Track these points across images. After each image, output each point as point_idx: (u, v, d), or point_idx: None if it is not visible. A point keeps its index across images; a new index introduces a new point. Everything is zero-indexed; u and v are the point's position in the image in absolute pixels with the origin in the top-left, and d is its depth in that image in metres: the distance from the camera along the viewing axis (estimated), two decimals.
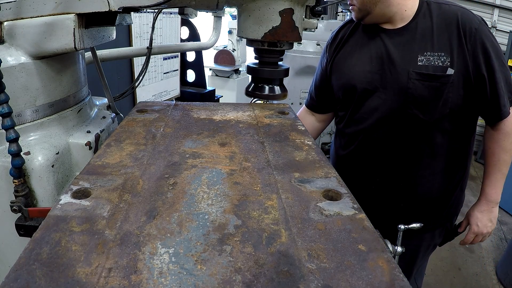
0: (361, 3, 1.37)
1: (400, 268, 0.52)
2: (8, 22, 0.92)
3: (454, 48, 1.33)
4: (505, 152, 1.43)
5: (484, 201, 1.51)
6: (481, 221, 1.51)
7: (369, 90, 1.46)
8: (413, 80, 1.36)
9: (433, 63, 1.35)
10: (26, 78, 0.93)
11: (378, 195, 1.54)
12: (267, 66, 1.28)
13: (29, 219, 0.85)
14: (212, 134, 1.00)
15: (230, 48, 5.71)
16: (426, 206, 1.54)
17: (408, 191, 1.52)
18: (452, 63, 1.33)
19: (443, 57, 1.34)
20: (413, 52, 1.37)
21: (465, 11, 1.35)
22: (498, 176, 1.47)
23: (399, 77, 1.39)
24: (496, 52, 1.33)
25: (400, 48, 1.40)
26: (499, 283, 2.97)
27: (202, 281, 0.49)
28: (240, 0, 1.16)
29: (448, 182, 1.53)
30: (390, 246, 1.25)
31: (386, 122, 1.45)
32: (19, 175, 0.86)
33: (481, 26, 1.32)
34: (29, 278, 0.47)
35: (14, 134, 0.82)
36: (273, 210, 0.65)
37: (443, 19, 1.35)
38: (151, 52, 1.74)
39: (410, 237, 1.45)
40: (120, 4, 0.94)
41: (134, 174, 0.76)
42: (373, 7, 1.37)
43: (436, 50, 1.34)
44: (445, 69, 1.33)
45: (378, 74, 1.43)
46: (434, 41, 1.35)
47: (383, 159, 1.51)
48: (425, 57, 1.35)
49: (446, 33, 1.34)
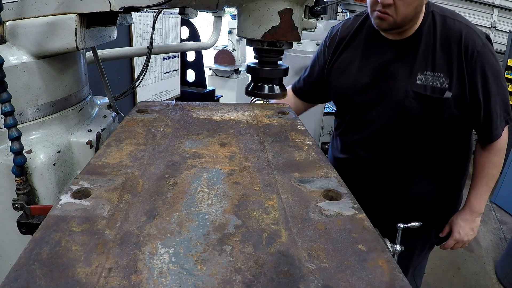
0: (403, 17, 1.28)
1: (400, 268, 0.52)
2: (10, 21, 0.93)
3: (454, 70, 1.32)
4: (494, 167, 1.46)
5: (468, 211, 1.53)
6: (463, 229, 1.53)
7: (366, 103, 1.48)
8: (409, 99, 1.37)
9: (431, 83, 1.34)
10: (28, 77, 0.93)
11: (372, 197, 1.56)
12: (267, 65, 1.28)
13: (31, 217, 0.86)
14: (212, 134, 1.00)
15: (230, 48, 5.70)
16: (421, 208, 1.57)
17: (402, 196, 1.57)
18: (450, 85, 1.33)
19: (442, 78, 1.33)
20: (413, 69, 1.36)
21: (469, 30, 1.31)
22: (484, 189, 1.49)
23: (396, 93, 1.40)
24: (496, 75, 1.32)
25: (402, 63, 1.38)
26: (499, 283, 2.97)
27: (202, 281, 0.49)
28: (240, 0, 1.16)
29: (444, 186, 1.56)
30: (390, 245, 1.26)
31: (381, 134, 1.48)
32: (21, 173, 0.86)
33: (484, 48, 1.29)
34: (29, 278, 0.47)
35: (16, 133, 0.82)
36: (273, 210, 0.66)
37: (447, 36, 1.32)
38: (151, 52, 1.74)
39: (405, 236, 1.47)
40: (121, 4, 0.95)
41: (134, 174, 0.76)
42: (408, 24, 1.32)
43: (436, 70, 1.33)
44: (443, 91, 1.33)
45: (377, 88, 1.44)
46: (436, 60, 1.33)
47: (377, 167, 1.54)
48: (425, 76, 1.35)
49: (448, 52, 1.32)
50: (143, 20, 2.65)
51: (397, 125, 1.43)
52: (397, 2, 1.24)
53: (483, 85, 1.31)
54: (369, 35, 1.46)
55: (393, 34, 1.39)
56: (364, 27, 1.48)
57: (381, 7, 1.28)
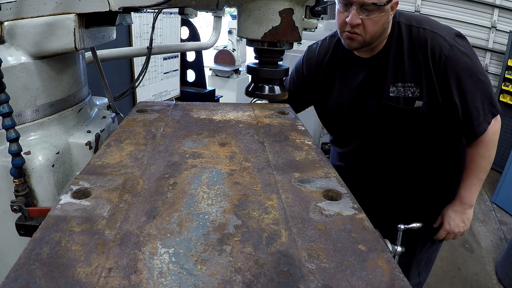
0: (371, 35, 1.31)
1: (400, 268, 0.52)
2: (9, 22, 0.92)
3: (423, 78, 1.34)
4: (483, 159, 1.46)
5: (459, 202, 1.54)
6: (453, 220, 1.55)
7: (348, 121, 1.55)
8: (385, 112, 1.42)
9: (403, 94, 1.38)
10: (26, 78, 0.93)
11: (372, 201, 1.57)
12: (267, 66, 1.28)
13: (30, 219, 0.86)
14: (212, 134, 1.00)
15: (230, 48, 5.70)
16: (421, 206, 1.60)
17: (401, 197, 1.60)
18: (421, 94, 1.36)
19: (413, 87, 1.36)
20: (385, 83, 1.40)
21: (434, 36, 1.32)
22: (474, 181, 1.50)
23: (373, 108, 1.45)
24: (471, 72, 1.32)
25: (375, 79, 1.43)
26: (499, 283, 2.97)
27: (202, 281, 0.49)
28: (240, 0, 1.16)
29: (442, 182, 1.59)
30: (390, 246, 1.26)
31: (367, 146, 1.55)
32: (19, 175, 0.86)
33: (452, 50, 1.30)
34: (29, 278, 0.47)
35: (14, 134, 0.82)
36: (273, 210, 0.65)
37: (413, 46, 1.35)
38: (151, 52, 1.74)
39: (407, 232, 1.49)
40: (120, 4, 0.95)
41: (134, 174, 0.76)
42: (376, 40, 1.35)
43: (406, 80, 1.37)
44: (414, 100, 1.36)
45: (356, 105, 1.49)
46: (405, 70, 1.36)
47: (372, 174, 1.61)
48: (396, 88, 1.38)
49: (416, 61, 1.35)
50: (143, 20, 2.64)
51: (379, 137, 1.49)
52: (365, 21, 1.28)
53: (457, 86, 1.32)
54: (343, 56, 1.51)
55: (365, 52, 1.43)
56: (339, 48, 1.52)
57: (350, 28, 1.31)
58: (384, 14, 1.28)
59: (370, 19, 1.28)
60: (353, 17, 1.27)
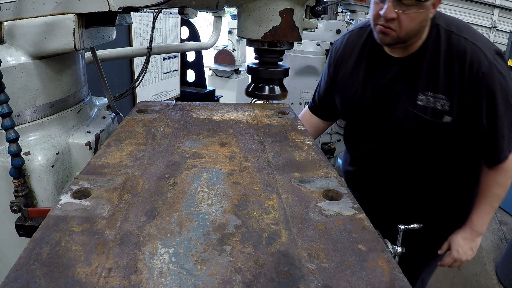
0: (406, 32, 1.22)
1: (400, 268, 0.52)
2: (8, 22, 0.92)
3: (456, 92, 1.26)
4: (499, 187, 1.41)
5: (469, 230, 1.49)
6: (462, 248, 1.49)
7: (369, 120, 1.47)
8: (410, 120, 1.34)
9: (432, 105, 1.29)
10: (26, 78, 0.93)
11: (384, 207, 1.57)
12: (267, 66, 1.28)
13: (29, 219, 0.85)
14: (212, 134, 1.00)
15: (230, 48, 5.70)
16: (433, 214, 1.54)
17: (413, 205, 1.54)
18: (451, 108, 1.27)
19: (443, 100, 1.28)
20: (415, 89, 1.31)
21: (475, 49, 1.23)
22: (488, 209, 1.45)
23: (398, 113, 1.37)
24: (505, 95, 1.24)
25: (405, 82, 1.34)
26: (499, 283, 2.97)
27: (202, 281, 0.49)
28: (240, 0, 1.16)
29: (457, 195, 1.53)
30: (390, 246, 1.26)
31: (385, 150, 1.48)
32: (19, 175, 0.86)
33: (491, 69, 1.22)
34: (29, 278, 0.47)
35: (14, 134, 0.82)
36: (273, 210, 0.65)
37: (450, 55, 1.25)
38: (151, 52, 1.74)
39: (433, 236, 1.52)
40: (120, 4, 0.94)
41: (134, 174, 0.76)
42: (412, 38, 1.27)
43: (438, 91, 1.28)
44: (442, 114, 1.29)
45: (380, 106, 1.41)
46: (439, 80, 1.27)
47: (385, 180, 1.53)
48: (426, 97, 1.30)
49: (451, 73, 1.25)
50: (142, 20, 2.64)
51: (400, 143, 1.42)
52: (400, 16, 1.19)
53: (489, 108, 1.25)
54: (373, 51, 1.42)
55: (397, 50, 1.35)
56: (368, 42, 1.43)
57: (384, 21, 1.22)
58: (424, 11, 1.19)
59: (407, 14, 1.18)
60: (387, 10, 1.18)
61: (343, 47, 1.52)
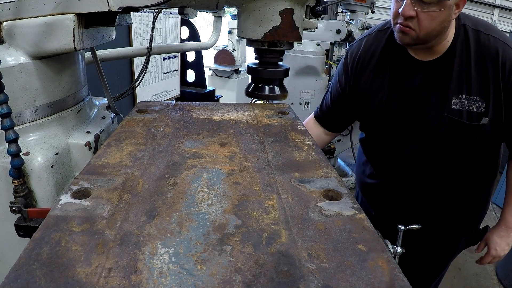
0: (426, 32, 1.18)
1: (400, 268, 0.52)
2: (8, 22, 0.92)
3: (491, 93, 1.23)
4: None
5: (504, 227, 1.50)
6: (499, 246, 1.51)
7: (397, 129, 1.41)
8: (445, 126, 1.29)
9: (467, 108, 1.25)
10: (25, 78, 0.93)
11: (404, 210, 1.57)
12: (267, 66, 1.28)
13: (29, 220, 0.85)
14: (212, 134, 1.00)
15: (230, 48, 5.71)
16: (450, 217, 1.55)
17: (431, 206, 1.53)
18: (487, 110, 1.24)
19: (479, 102, 1.24)
20: (447, 93, 1.27)
21: (506, 47, 1.21)
22: None
23: (430, 119, 1.32)
24: None
25: (434, 87, 1.29)
26: (499, 283, 2.97)
27: (202, 281, 0.49)
28: (240, 0, 1.16)
29: (474, 194, 1.53)
30: (391, 246, 1.26)
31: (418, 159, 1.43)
32: (18, 176, 0.86)
33: None
34: (29, 278, 0.47)
35: (13, 135, 0.82)
36: (273, 210, 0.65)
37: (482, 55, 1.22)
38: (151, 52, 1.74)
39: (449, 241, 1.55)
40: (119, 4, 0.94)
41: (134, 174, 0.76)
42: (433, 39, 1.22)
43: (472, 93, 1.24)
44: (480, 116, 1.25)
45: (409, 114, 1.36)
46: (471, 82, 1.24)
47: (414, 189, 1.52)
48: (460, 100, 1.25)
49: (485, 74, 1.22)
50: (142, 20, 2.64)
51: (431, 150, 1.38)
52: (420, 14, 1.15)
53: None
54: (396, 54, 1.36)
55: (422, 53, 1.30)
56: (391, 45, 1.38)
57: (402, 20, 1.18)
58: (445, 10, 1.14)
59: (426, 13, 1.14)
60: (406, 8, 1.15)
61: (362, 52, 1.45)
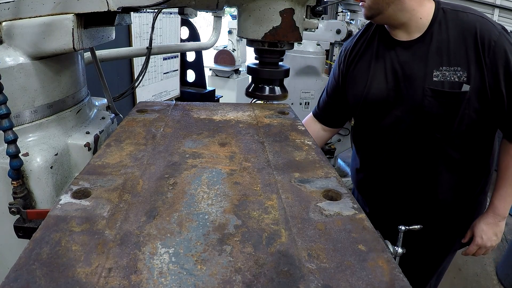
0: (373, 1, 1.32)
1: (400, 268, 0.52)
2: (7, 22, 0.92)
3: (471, 63, 1.27)
4: None
5: (492, 214, 1.46)
6: (486, 234, 1.47)
7: (383, 107, 1.44)
8: (428, 98, 1.33)
9: (448, 78, 1.30)
10: (24, 78, 0.93)
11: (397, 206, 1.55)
12: (268, 66, 1.28)
13: (28, 221, 0.85)
14: (212, 134, 1.00)
15: (230, 48, 5.71)
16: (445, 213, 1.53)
17: (427, 200, 1.51)
18: (468, 78, 1.28)
19: (459, 71, 1.29)
20: (428, 66, 1.32)
21: (484, 21, 1.28)
22: (509, 191, 1.42)
23: (414, 93, 1.36)
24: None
25: (415, 62, 1.35)
26: (500, 284, 2.96)
27: (202, 281, 0.49)
28: (240, 0, 1.15)
29: (469, 190, 1.51)
30: (391, 247, 1.26)
31: (401, 138, 1.44)
32: (17, 177, 0.85)
33: (501, 37, 1.25)
34: (29, 278, 0.47)
35: (12, 135, 0.81)
36: (273, 210, 0.65)
37: (461, 30, 1.29)
38: (151, 52, 1.74)
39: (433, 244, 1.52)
40: (119, 4, 0.94)
41: (134, 174, 0.76)
42: (386, 7, 1.32)
43: (452, 64, 1.29)
44: (461, 85, 1.29)
45: (393, 90, 1.41)
46: (451, 54, 1.29)
47: (400, 173, 1.50)
48: (441, 72, 1.31)
49: (463, 46, 1.28)
50: (142, 20, 2.64)
51: (418, 126, 1.39)
52: None
53: (506, 74, 1.26)
54: (380, 39, 1.45)
55: (401, 33, 1.38)
56: (377, 32, 1.47)
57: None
58: None
59: None
60: None
61: (354, 44, 1.54)
